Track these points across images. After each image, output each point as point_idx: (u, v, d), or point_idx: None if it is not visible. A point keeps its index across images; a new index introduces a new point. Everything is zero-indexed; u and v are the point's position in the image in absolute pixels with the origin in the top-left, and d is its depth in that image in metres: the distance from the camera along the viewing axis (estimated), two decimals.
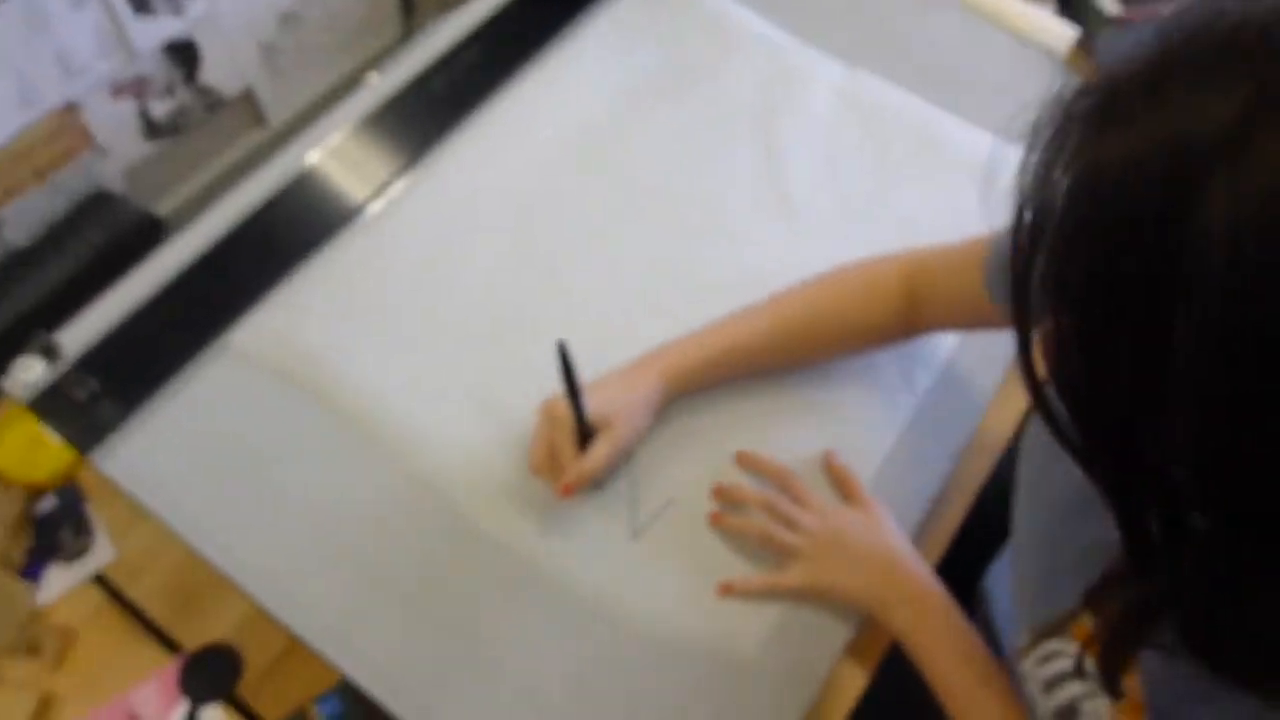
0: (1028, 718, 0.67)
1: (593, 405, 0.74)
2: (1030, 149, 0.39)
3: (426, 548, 0.76)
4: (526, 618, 0.74)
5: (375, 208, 0.89)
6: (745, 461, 0.82)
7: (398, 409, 0.80)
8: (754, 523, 0.77)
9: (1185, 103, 0.34)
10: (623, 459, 0.77)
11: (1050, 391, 0.42)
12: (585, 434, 0.75)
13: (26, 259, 0.95)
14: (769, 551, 0.77)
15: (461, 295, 0.86)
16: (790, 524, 0.77)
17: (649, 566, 0.77)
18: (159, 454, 0.75)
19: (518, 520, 0.77)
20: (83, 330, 0.78)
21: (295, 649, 0.78)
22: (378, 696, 0.71)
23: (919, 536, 0.80)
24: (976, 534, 0.84)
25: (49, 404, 0.74)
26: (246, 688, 0.79)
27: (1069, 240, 0.38)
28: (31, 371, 0.76)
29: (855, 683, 0.77)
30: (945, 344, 0.88)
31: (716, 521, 0.78)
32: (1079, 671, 0.60)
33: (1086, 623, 0.59)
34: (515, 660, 0.72)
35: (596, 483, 0.78)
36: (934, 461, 0.83)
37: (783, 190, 0.95)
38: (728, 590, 0.76)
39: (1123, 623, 0.51)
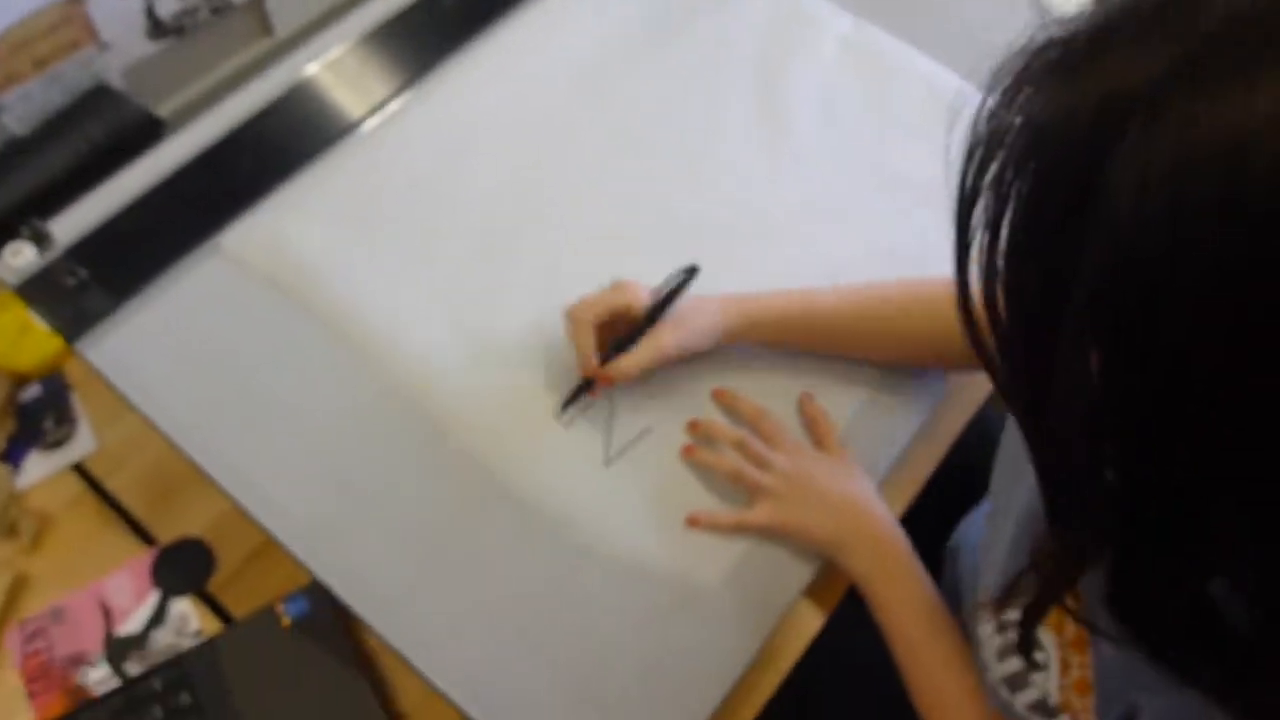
0: (975, 675, 0.69)
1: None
2: (989, 91, 0.40)
3: (401, 460, 0.77)
4: (494, 534, 0.76)
5: (374, 122, 0.89)
6: (722, 399, 0.83)
7: (381, 322, 0.81)
8: (725, 459, 0.79)
9: (1119, 59, 0.36)
10: (660, 366, 0.78)
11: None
12: (638, 333, 0.76)
13: (23, 148, 0.94)
14: (738, 488, 0.78)
15: (454, 215, 0.86)
16: (760, 463, 0.78)
17: (619, 493, 0.78)
18: (144, 348, 0.76)
19: (492, 439, 0.78)
20: (76, 220, 0.78)
21: (267, 549, 0.80)
22: (344, 599, 0.72)
23: (886, 488, 0.82)
24: (945, 492, 0.86)
25: (37, 290, 0.75)
26: (217, 583, 0.80)
27: (1005, 180, 0.40)
28: (21, 257, 0.76)
29: (811, 624, 0.79)
30: None
31: (689, 455, 0.80)
32: (1035, 644, 0.61)
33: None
34: (479, 574, 0.74)
35: (634, 382, 0.78)
36: (906, 415, 0.84)
37: (780, 130, 0.96)
38: (694, 523, 0.78)
39: (1042, 579, 0.53)
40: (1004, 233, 0.41)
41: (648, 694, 0.71)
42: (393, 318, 0.81)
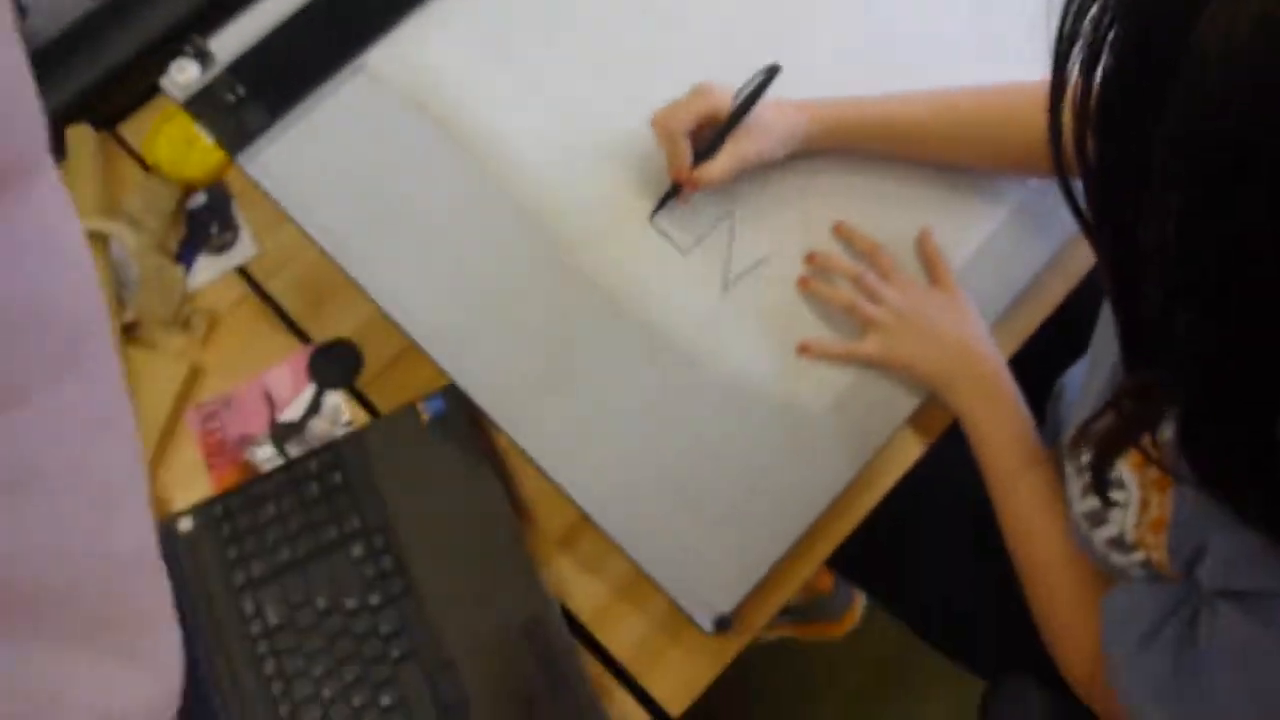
0: (1064, 516, 0.72)
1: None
2: None
3: (530, 275, 0.82)
4: (614, 347, 0.81)
5: None
6: (841, 232, 0.84)
7: (513, 141, 0.84)
8: (840, 291, 0.81)
9: None
10: (743, 172, 0.80)
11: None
12: (720, 137, 0.79)
13: None
14: (851, 320, 0.81)
15: (594, 49, 0.87)
16: (874, 297, 0.80)
17: (734, 318, 0.82)
18: (297, 162, 0.82)
19: (617, 259, 0.82)
20: (233, 38, 0.83)
21: (409, 352, 0.87)
22: (477, 400, 0.79)
23: (997, 331, 0.83)
24: (1055, 341, 0.87)
25: (202, 105, 0.81)
26: (364, 381, 0.89)
27: (1101, 25, 0.41)
28: (186, 73, 0.82)
29: (912, 452, 0.83)
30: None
31: (804, 286, 0.82)
32: (1118, 482, 0.64)
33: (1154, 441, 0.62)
34: (600, 383, 0.80)
35: (715, 188, 0.81)
36: (1023, 261, 0.85)
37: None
38: (805, 350, 0.81)
39: (1117, 420, 0.55)
40: (1098, 77, 0.42)
41: (746, 507, 0.77)
42: (528, 139, 0.84)
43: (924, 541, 0.96)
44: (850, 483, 0.79)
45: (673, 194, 0.83)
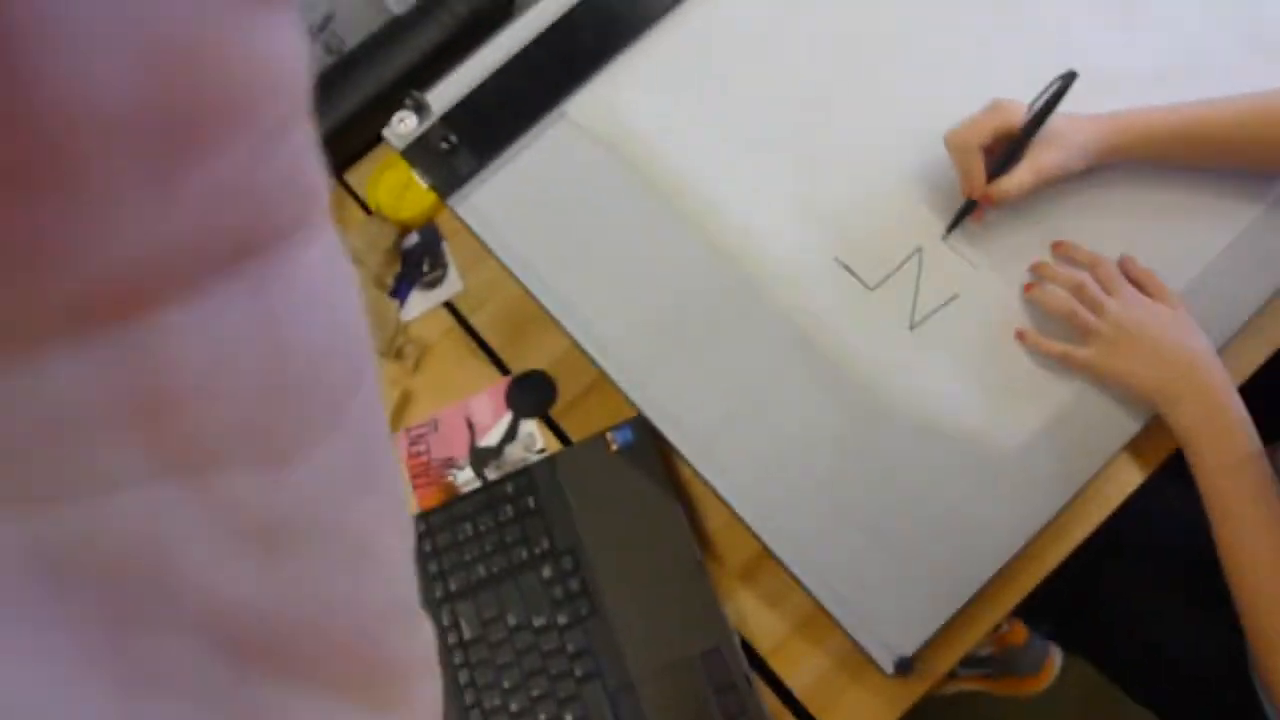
0: None
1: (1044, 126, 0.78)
2: None
3: (720, 313, 0.84)
4: (802, 384, 0.81)
5: None
6: (1062, 250, 0.83)
7: (706, 186, 0.87)
8: (1061, 297, 0.79)
9: None
10: (1041, 186, 0.80)
11: None
12: (1016, 151, 0.78)
13: (405, 26, 1.08)
14: (1070, 327, 0.79)
15: (779, 78, 0.89)
16: (1095, 307, 0.78)
17: (924, 352, 0.81)
18: (502, 203, 0.87)
19: (803, 299, 0.83)
20: (447, 91, 0.90)
21: (600, 384, 0.91)
22: (664, 431, 0.82)
23: (1226, 357, 0.78)
24: None
25: (417, 152, 0.88)
26: (558, 411, 0.93)
27: None
28: (405, 124, 0.89)
29: (1119, 486, 0.79)
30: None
31: (1028, 291, 0.81)
32: None
33: None
34: (788, 420, 0.80)
35: (1011, 203, 0.80)
36: (1255, 283, 0.81)
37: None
38: (1021, 337, 0.80)
39: None
40: None
41: (934, 547, 0.76)
42: (718, 182, 0.87)
43: (1127, 586, 0.91)
44: (1044, 525, 0.76)
45: (967, 211, 0.83)
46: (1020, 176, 0.78)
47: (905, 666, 0.73)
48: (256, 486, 0.15)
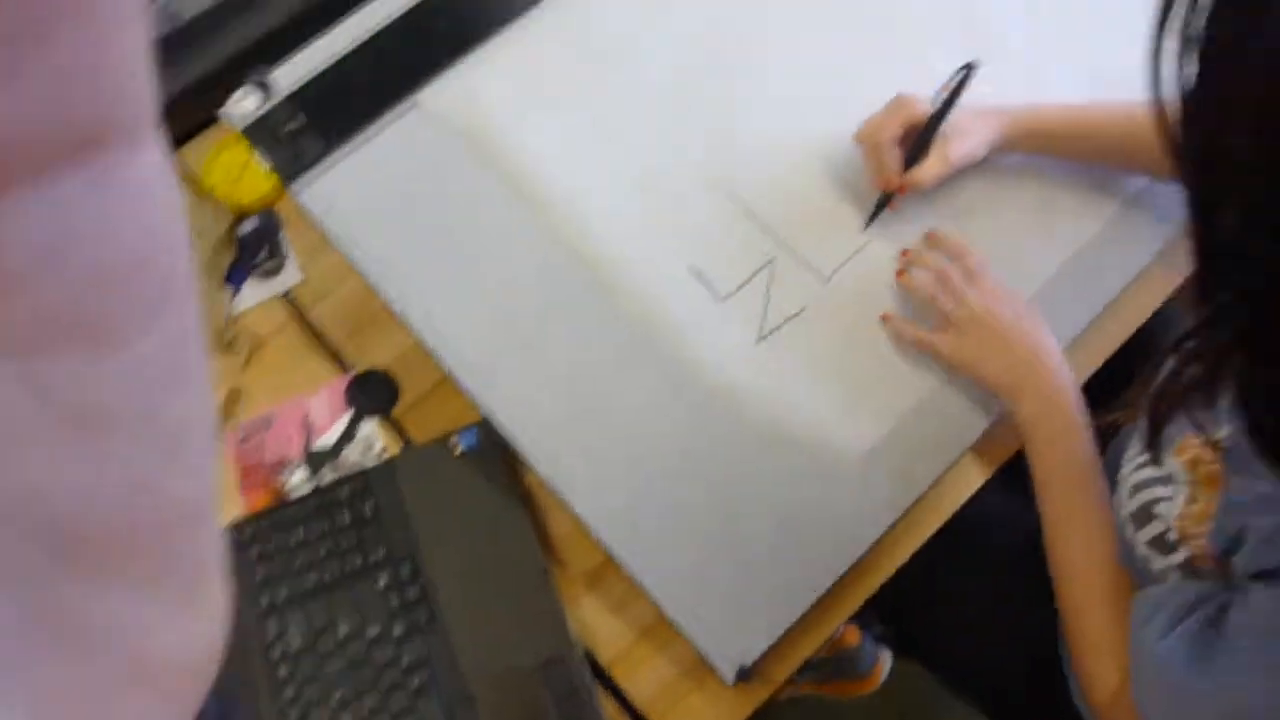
0: (1111, 545, 0.73)
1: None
2: None
3: (568, 314, 0.83)
4: (650, 391, 0.81)
5: None
6: (932, 238, 0.86)
7: (562, 182, 0.85)
8: (926, 281, 0.83)
9: None
10: (949, 176, 0.83)
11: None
12: (923, 144, 0.82)
13: (251, 1, 1.02)
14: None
15: (641, 79, 0.89)
16: (956, 295, 0.81)
17: (771, 362, 0.82)
18: (348, 192, 0.83)
19: (655, 302, 0.83)
20: (294, 69, 0.86)
21: (445, 384, 0.88)
22: (511, 435, 0.80)
23: (1072, 351, 0.83)
24: (1122, 370, 0.86)
25: (260, 132, 0.83)
26: (400, 411, 0.89)
27: None
28: (247, 102, 0.84)
29: (955, 493, 0.82)
30: (1133, 183, 0.89)
31: (899, 278, 0.84)
32: (1167, 479, 0.66)
33: (1190, 443, 0.64)
34: (632, 424, 0.80)
35: (922, 193, 0.84)
36: (1101, 284, 0.86)
37: (984, 34, 0.93)
38: (886, 320, 0.83)
39: (1175, 373, 0.57)
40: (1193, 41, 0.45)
41: (776, 556, 0.76)
42: (574, 178, 0.85)
43: (956, 589, 0.94)
44: (882, 536, 0.78)
45: (884, 203, 0.85)
46: (932, 166, 0.81)
47: (746, 674, 0.73)
48: (80, 372, 0.15)
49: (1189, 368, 0.56)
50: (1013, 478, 0.82)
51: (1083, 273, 0.86)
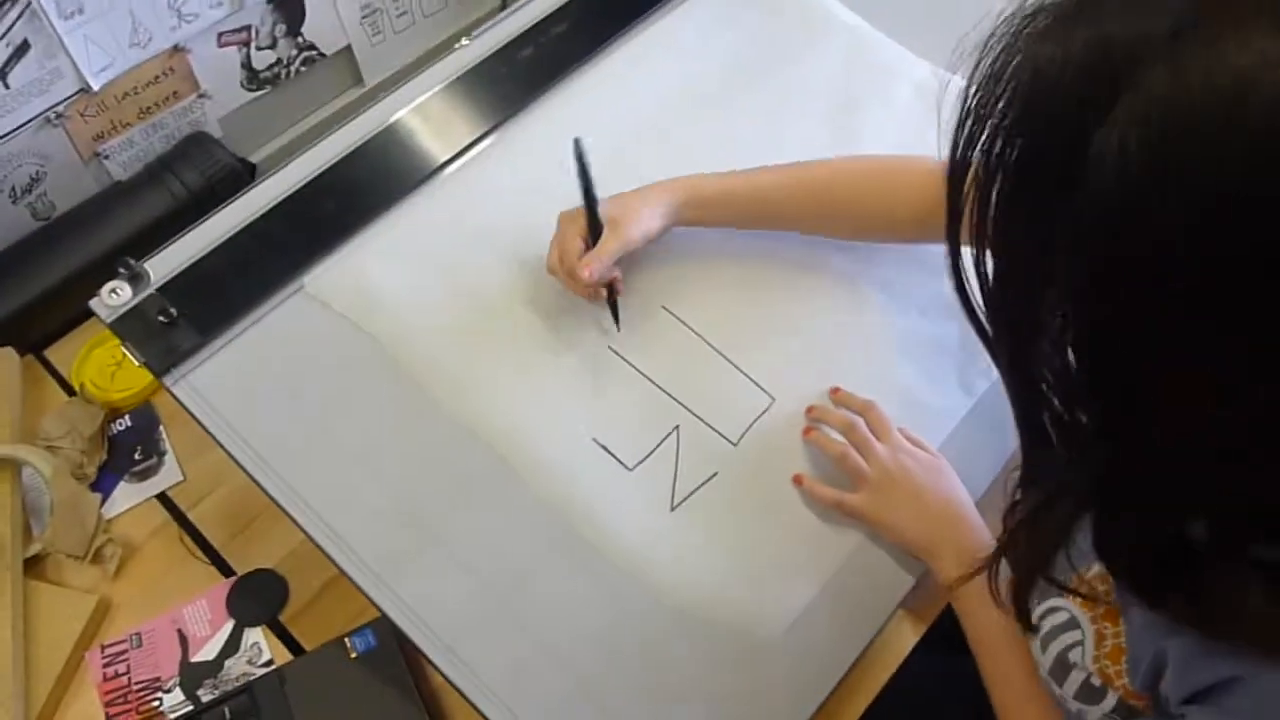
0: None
1: (605, 210, 0.80)
2: (977, 63, 0.43)
3: (473, 500, 0.78)
4: (562, 576, 0.76)
5: (456, 167, 0.91)
6: (838, 396, 0.85)
7: (457, 367, 0.82)
8: (834, 441, 0.81)
9: (1112, 17, 0.38)
10: (627, 256, 0.81)
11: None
12: (596, 233, 0.80)
13: (126, 192, 1.00)
14: (841, 471, 0.80)
15: (525, 266, 0.87)
16: (865, 450, 0.79)
17: (684, 538, 0.78)
18: (227, 384, 0.79)
19: (563, 482, 0.79)
20: (169, 259, 0.82)
21: (338, 582, 0.81)
22: (411, 634, 0.73)
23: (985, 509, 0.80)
24: None
25: (129, 325, 0.78)
26: (289, 615, 0.82)
27: (994, 149, 0.42)
28: (118, 294, 0.80)
29: (904, 643, 0.78)
30: None
31: (807, 435, 0.82)
32: (1072, 623, 0.63)
33: (1082, 578, 0.61)
34: (548, 616, 0.74)
35: (602, 278, 0.80)
36: (1003, 437, 0.83)
37: None
38: (798, 482, 0.80)
39: (1022, 534, 0.56)
40: (993, 199, 0.43)
41: None
42: (470, 360, 0.82)
43: None
44: (819, 707, 0.73)
45: (614, 305, 0.83)
46: (605, 245, 0.79)
47: None
48: None
49: (1035, 544, 0.55)
50: (937, 633, 0.79)
51: (994, 414, 0.85)
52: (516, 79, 0.96)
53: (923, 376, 0.87)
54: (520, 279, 0.87)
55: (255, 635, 0.81)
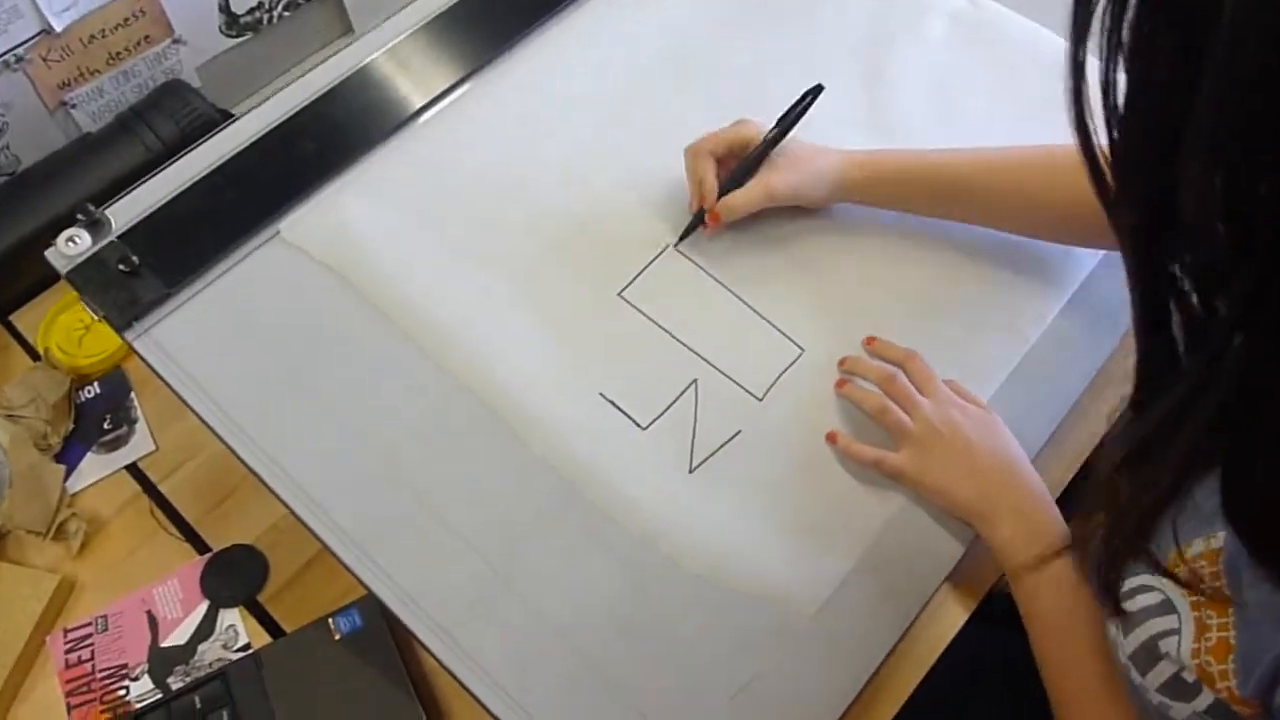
0: (1115, 667, 0.59)
1: (778, 151, 0.76)
2: None
3: (468, 463, 0.70)
4: (568, 547, 0.68)
5: (442, 106, 0.83)
6: (875, 346, 0.77)
7: (448, 313, 0.74)
8: (873, 395, 0.73)
9: None
10: (769, 206, 0.76)
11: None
12: (750, 165, 0.75)
13: (96, 144, 0.92)
14: (881, 426, 0.72)
15: (521, 208, 0.80)
16: (907, 404, 0.71)
17: (704, 504, 0.69)
18: (196, 338, 0.71)
19: (567, 441, 0.71)
20: (134, 205, 0.74)
21: (322, 558, 0.74)
22: (401, 614, 0.65)
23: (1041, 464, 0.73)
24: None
25: (86, 276, 0.71)
26: (269, 594, 0.75)
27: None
28: (76, 243, 0.72)
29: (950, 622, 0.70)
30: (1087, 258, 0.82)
31: (839, 388, 0.74)
32: (1166, 605, 0.52)
33: (1182, 556, 0.51)
34: (553, 592, 0.66)
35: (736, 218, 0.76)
36: (1061, 388, 0.77)
37: (884, 109, 0.87)
38: (832, 439, 0.72)
39: (1127, 477, 0.47)
40: (1124, 41, 0.36)
41: None
42: (460, 307, 0.74)
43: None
44: (862, 688, 0.65)
45: (696, 224, 0.78)
46: (749, 193, 0.75)
47: None
48: None
49: (1143, 491, 0.46)
50: (989, 607, 0.70)
51: (1044, 367, 0.77)
52: (507, 15, 0.88)
53: (968, 324, 0.78)
54: (514, 222, 0.79)
55: (231, 617, 0.73)
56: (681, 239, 0.79)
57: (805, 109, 0.75)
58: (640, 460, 0.71)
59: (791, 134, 0.76)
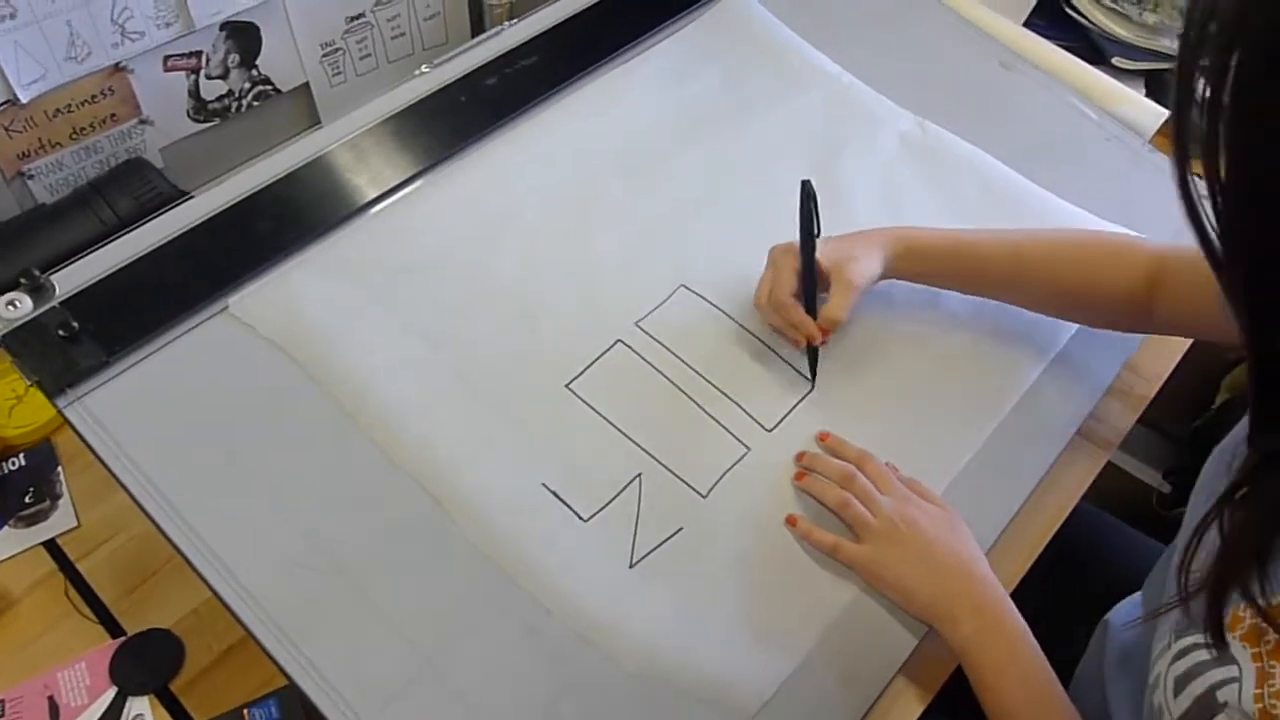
0: None
1: (824, 252, 0.77)
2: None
3: (403, 551, 0.68)
4: (502, 640, 0.65)
5: (403, 194, 0.84)
6: (829, 442, 0.77)
7: (397, 399, 0.73)
8: (832, 487, 0.73)
9: None
10: (858, 299, 0.77)
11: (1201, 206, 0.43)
12: (812, 276, 0.76)
13: (50, 215, 0.91)
14: (843, 520, 0.72)
15: (473, 296, 0.80)
16: (868, 502, 0.71)
17: (645, 600, 0.68)
18: (131, 410, 0.69)
19: (506, 531, 0.69)
20: (81, 273, 0.73)
21: (243, 645, 0.71)
22: (322, 706, 0.62)
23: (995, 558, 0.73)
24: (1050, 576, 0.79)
25: (22, 340, 0.69)
26: (182, 683, 0.71)
27: (1232, 34, 0.39)
28: (16, 308, 0.71)
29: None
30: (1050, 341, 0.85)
31: (799, 480, 0.74)
32: (1223, 659, 0.52)
33: (1240, 614, 0.52)
34: (485, 684, 0.63)
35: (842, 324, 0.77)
36: (1015, 481, 0.79)
37: (835, 212, 0.89)
38: (792, 523, 0.72)
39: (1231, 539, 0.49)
40: (1228, 85, 0.39)
41: None
42: (405, 392, 0.73)
43: None
44: None
45: (816, 353, 0.80)
46: (841, 298, 0.75)
47: None
48: None
49: (1246, 531, 0.48)
50: (948, 700, 0.69)
51: (1003, 459, 0.78)
52: (475, 110, 0.89)
53: (920, 417, 0.79)
54: (465, 309, 0.79)
55: (140, 705, 0.69)
56: (813, 376, 0.80)
57: (811, 201, 0.77)
58: (580, 553, 0.69)
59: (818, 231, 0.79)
